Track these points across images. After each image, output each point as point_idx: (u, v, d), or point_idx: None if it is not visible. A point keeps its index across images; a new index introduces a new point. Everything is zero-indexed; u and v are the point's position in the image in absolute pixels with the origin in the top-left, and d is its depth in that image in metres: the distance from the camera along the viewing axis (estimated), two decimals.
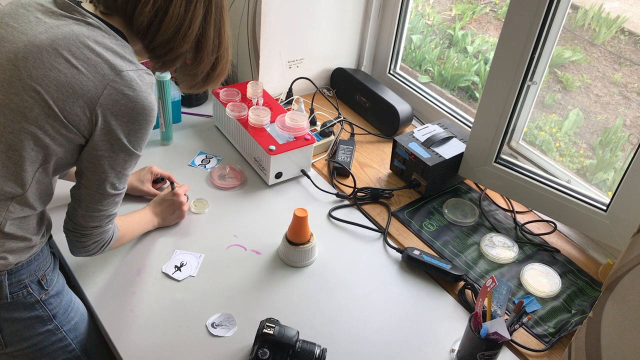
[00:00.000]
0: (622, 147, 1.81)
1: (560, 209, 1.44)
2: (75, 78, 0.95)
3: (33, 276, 1.06)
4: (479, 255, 1.43)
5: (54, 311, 1.11)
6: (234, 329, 1.19)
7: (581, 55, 1.99)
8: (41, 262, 1.09)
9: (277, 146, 1.49)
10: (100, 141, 1.00)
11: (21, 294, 1.05)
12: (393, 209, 1.53)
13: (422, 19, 2.44)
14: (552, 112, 2.01)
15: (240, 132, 1.60)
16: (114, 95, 0.97)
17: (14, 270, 1.03)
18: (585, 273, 1.42)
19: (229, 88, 1.66)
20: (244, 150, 1.62)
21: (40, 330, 1.10)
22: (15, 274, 1.03)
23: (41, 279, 1.08)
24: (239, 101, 1.63)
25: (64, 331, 1.14)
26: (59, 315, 1.12)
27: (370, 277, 1.35)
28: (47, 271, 1.10)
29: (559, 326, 1.27)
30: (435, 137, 1.59)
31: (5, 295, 1.03)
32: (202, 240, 1.37)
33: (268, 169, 1.51)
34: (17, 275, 1.04)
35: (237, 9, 1.79)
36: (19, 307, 1.06)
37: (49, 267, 1.11)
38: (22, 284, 1.05)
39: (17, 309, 1.06)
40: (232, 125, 1.63)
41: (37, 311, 1.08)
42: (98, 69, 0.96)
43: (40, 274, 1.08)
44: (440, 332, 1.24)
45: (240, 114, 1.57)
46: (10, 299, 1.04)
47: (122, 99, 0.98)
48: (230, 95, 1.64)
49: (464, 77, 2.24)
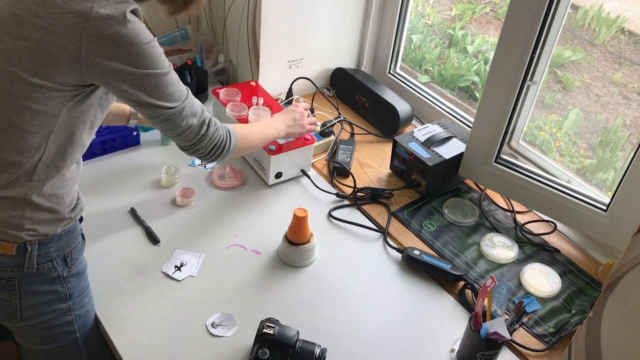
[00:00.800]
0: (622, 147, 1.81)
1: (560, 209, 1.44)
2: (46, 40, 0.93)
3: (60, 251, 1.09)
4: (479, 255, 1.43)
5: (71, 290, 1.13)
6: (234, 329, 1.18)
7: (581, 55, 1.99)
8: (70, 239, 1.11)
9: (277, 146, 1.49)
10: (117, 84, 1.00)
11: (46, 267, 1.08)
12: (393, 209, 1.53)
13: (422, 18, 2.44)
14: (552, 112, 2.01)
15: None
16: (94, 42, 0.94)
17: (45, 242, 1.06)
18: (585, 273, 1.42)
19: (229, 88, 1.66)
20: None
21: (54, 307, 1.12)
22: (45, 245, 1.06)
23: (67, 255, 1.11)
24: (239, 101, 1.63)
25: (73, 315, 1.16)
26: (75, 297, 1.14)
27: (370, 277, 1.35)
28: (74, 249, 1.13)
29: (559, 326, 1.27)
30: (435, 137, 1.59)
31: (32, 264, 1.06)
32: (202, 240, 1.37)
33: (268, 168, 1.51)
34: (46, 247, 1.07)
35: (237, 9, 1.79)
36: (41, 279, 1.09)
37: (77, 246, 1.14)
38: (49, 257, 1.08)
39: (39, 281, 1.09)
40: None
41: (56, 286, 1.11)
42: (65, 22, 0.92)
43: (67, 250, 1.11)
44: (440, 332, 1.24)
45: (240, 113, 1.57)
46: (36, 269, 1.07)
47: (104, 41, 0.94)
48: (230, 95, 1.64)
49: (464, 77, 2.24)
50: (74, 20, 0.92)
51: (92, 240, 1.33)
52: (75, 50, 0.94)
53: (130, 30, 0.96)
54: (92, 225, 1.36)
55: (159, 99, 1.05)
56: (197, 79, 1.80)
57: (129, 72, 0.99)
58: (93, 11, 0.92)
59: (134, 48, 0.98)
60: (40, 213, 1.04)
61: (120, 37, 0.95)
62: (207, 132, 1.16)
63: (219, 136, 1.19)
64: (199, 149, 1.17)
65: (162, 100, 1.06)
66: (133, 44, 0.97)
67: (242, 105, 1.59)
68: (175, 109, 1.09)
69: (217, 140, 1.19)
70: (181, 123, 1.11)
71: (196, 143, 1.16)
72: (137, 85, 1.02)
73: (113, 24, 0.94)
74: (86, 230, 1.33)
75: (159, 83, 1.04)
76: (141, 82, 1.02)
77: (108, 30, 0.94)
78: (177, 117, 1.10)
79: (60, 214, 1.07)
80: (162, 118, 1.09)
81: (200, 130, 1.15)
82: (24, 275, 1.06)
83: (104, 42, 0.94)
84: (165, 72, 1.05)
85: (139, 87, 1.02)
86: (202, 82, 1.82)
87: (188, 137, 1.14)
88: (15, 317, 1.10)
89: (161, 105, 1.06)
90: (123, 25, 0.95)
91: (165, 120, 1.09)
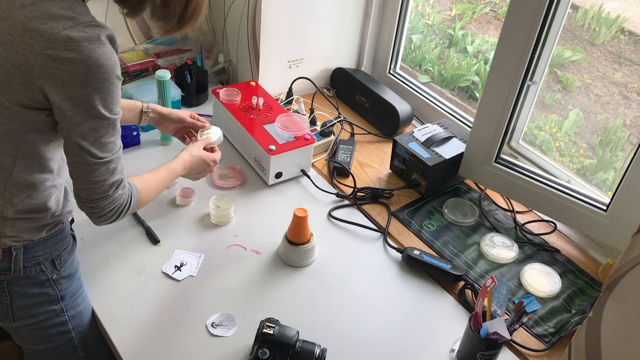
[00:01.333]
0: (622, 147, 1.81)
1: (560, 209, 1.44)
2: (3, 56, 0.89)
3: (48, 254, 1.08)
4: (479, 255, 1.43)
5: (62, 292, 1.13)
6: (234, 329, 1.18)
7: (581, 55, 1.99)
8: (58, 241, 1.10)
9: (277, 146, 1.49)
10: (62, 112, 0.92)
11: (34, 270, 1.07)
12: (393, 209, 1.53)
13: (422, 18, 2.44)
14: (552, 112, 2.01)
15: (240, 132, 1.60)
16: (50, 63, 0.88)
17: (30, 246, 1.05)
18: (585, 273, 1.42)
19: (229, 88, 1.66)
20: (244, 150, 1.62)
21: (46, 308, 1.12)
22: (30, 249, 1.05)
23: (55, 258, 1.09)
24: (239, 101, 1.64)
25: (67, 316, 1.15)
26: (67, 298, 1.14)
27: (370, 277, 1.35)
28: (62, 252, 1.11)
29: (559, 326, 1.27)
30: (435, 137, 1.59)
31: (19, 268, 1.05)
32: (202, 240, 1.37)
33: (268, 168, 1.51)
34: (32, 252, 1.06)
35: (237, 9, 1.79)
36: (30, 282, 1.08)
37: (66, 248, 1.12)
38: (36, 260, 1.07)
39: (28, 284, 1.08)
40: (232, 126, 1.63)
41: (47, 288, 1.10)
42: (25, 39, 0.87)
43: (55, 253, 1.09)
44: (440, 332, 1.24)
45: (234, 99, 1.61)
46: (23, 273, 1.06)
47: (61, 64, 0.88)
48: (230, 95, 1.65)
49: (464, 77, 2.24)
50: (34, 38, 0.87)
51: (93, 240, 1.33)
52: (30, 69, 0.88)
53: (93, 58, 0.89)
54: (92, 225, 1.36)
55: (91, 143, 0.96)
56: (197, 78, 1.80)
57: (76, 104, 0.91)
58: (56, 32, 0.87)
59: (90, 78, 0.90)
60: (21, 222, 1.03)
61: (80, 64, 0.88)
62: (114, 194, 1.04)
63: (121, 202, 1.06)
64: (95, 207, 1.04)
65: (93, 147, 0.97)
66: (91, 75, 0.90)
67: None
68: (100, 161, 0.98)
69: (115, 205, 1.06)
70: (97, 175, 1.00)
71: (96, 200, 1.03)
72: (75, 124, 0.93)
73: (75, 47, 0.88)
74: (86, 231, 1.33)
75: (99, 127, 0.96)
76: (81, 121, 0.93)
77: (67, 54, 0.87)
78: (97, 168, 0.99)
79: (43, 220, 1.05)
80: (82, 162, 0.98)
81: (109, 190, 1.03)
82: (12, 278, 1.06)
83: (59, 67, 0.88)
84: (112, 119, 0.97)
85: (77, 125, 0.94)
86: (202, 82, 1.82)
87: (92, 191, 1.01)
88: (8, 318, 1.11)
89: (89, 150, 0.96)
90: (90, 49, 0.89)
91: (85, 166, 0.98)
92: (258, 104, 1.63)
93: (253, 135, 1.53)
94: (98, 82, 0.91)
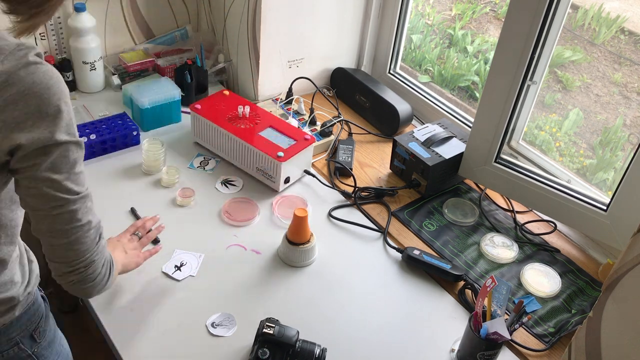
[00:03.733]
0: (622, 147, 1.81)
1: (560, 208, 1.44)
2: None
3: (25, 331, 0.99)
4: (479, 255, 1.43)
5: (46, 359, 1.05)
6: (234, 328, 1.19)
7: (581, 55, 1.99)
8: (32, 314, 1.00)
9: (284, 152, 1.47)
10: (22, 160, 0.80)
11: (12, 352, 0.98)
12: (393, 209, 1.53)
13: (422, 18, 2.44)
14: (552, 112, 2.01)
15: (236, 144, 1.54)
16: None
17: (3, 330, 0.96)
18: (585, 273, 1.42)
19: (205, 101, 1.60)
20: (244, 162, 1.55)
21: None
22: (4, 332, 0.96)
23: (34, 332, 1.01)
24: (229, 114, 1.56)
25: None
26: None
27: (370, 277, 1.35)
28: (40, 323, 1.02)
29: (559, 326, 1.27)
30: (435, 137, 1.59)
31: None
32: (202, 240, 1.37)
33: (277, 175, 1.48)
34: (7, 334, 0.97)
35: (237, 9, 1.79)
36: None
37: (42, 317, 1.03)
38: (12, 342, 0.98)
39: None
40: (223, 140, 1.56)
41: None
42: None
43: (32, 327, 1.00)
44: (440, 332, 1.24)
45: None
46: (1, 357, 0.98)
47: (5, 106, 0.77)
48: (211, 109, 1.56)
49: (464, 77, 2.24)
50: None
51: None
52: None
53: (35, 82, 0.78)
54: None
55: (66, 177, 0.83)
56: (197, 79, 1.80)
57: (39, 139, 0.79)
58: None
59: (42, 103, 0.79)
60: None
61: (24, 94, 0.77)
62: (101, 241, 0.92)
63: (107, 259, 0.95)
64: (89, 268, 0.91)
65: (69, 181, 0.84)
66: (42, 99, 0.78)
67: None
68: (79, 197, 0.86)
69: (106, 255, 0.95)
70: (80, 219, 0.87)
71: (90, 255, 0.90)
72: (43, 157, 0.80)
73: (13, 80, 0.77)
74: None
75: (68, 155, 0.83)
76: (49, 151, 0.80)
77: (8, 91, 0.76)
78: (77, 209, 0.86)
79: (14, 300, 0.95)
80: (64, 207, 0.84)
81: (96, 236, 0.90)
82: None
83: (5, 108, 0.77)
84: (79, 143, 0.84)
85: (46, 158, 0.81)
86: (202, 82, 1.82)
87: (84, 241, 0.88)
88: None
89: (67, 187, 0.83)
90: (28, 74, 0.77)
91: (65, 213, 0.85)
92: (244, 113, 1.58)
93: (254, 145, 1.49)
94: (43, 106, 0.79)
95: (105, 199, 1.44)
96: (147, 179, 1.52)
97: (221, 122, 1.55)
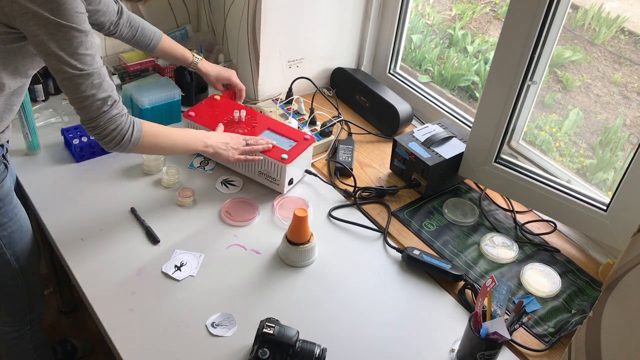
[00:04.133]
0: (622, 147, 1.81)
1: (560, 208, 1.44)
2: None
3: None
4: (479, 255, 1.43)
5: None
6: (233, 328, 1.19)
7: (581, 55, 1.99)
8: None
9: (288, 154, 1.46)
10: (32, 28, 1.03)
11: None
12: (393, 209, 1.53)
13: (422, 18, 2.44)
14: (552, 112, 2.01)
15: None
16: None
17: None
18: (585, 273, 1.42)
19: (198, 107, 1.59)
20: (244, 167, 1.53)
21: None
22: None
23: None
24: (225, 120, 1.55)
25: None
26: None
27: (370, 277, 1.35)
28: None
29: (559, 326, 1.27)
30: (435, 137, 1.59)
31: None
32: (202, 240, 1.37)
33: (282, 178, 1.48)
34: None
35: (237, 9, 1.79)
36: None
37: None
38: None
39: None
40: None
41: None
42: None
43: None
44: (440, 332, 1.24)
45: None
46: None
47: None
48: (206, 115, 1.55)
49: (464, 77, 2.24)
50: None
51: (93, 240, 1.33)
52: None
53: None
54: (92, 225, 1.36)
55: (69, 55, 1.06)
56: (197, 78, 1.80)
57: (45, 17, 1.01)
58: None
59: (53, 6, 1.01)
60: None
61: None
62: (109, 111, 1.14)
63: (122, 122, 1.17)
64: (97, 126, 1.15)
65: (71, 58, 1.07)
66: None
67: None
68: (81, 73, 1.08)
69: (117, 124, 1.16)
70: (84, 90, 1.10)
71: (95, 118, 1.14)
72: (50, 33, 1.03)
73: None
74: (86, 231, 1.34)
75: (73, 38, 1.05)
76: (54, 31, 1.03)
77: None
78: (81, 82, 1.09)
79: None
80: (65, 77, 1.08)
81: (103, 106, 1.13)
82: None
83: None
84: (81, 30, 1.06)
85: (52, 35, 1.03)
86: (202, 82, 1.82)
87: (89, 109, 1.13)
88: None
89: (68, 62, 1.07)
90: None
91: (68, 80, 1.09)
92: (240, 117, 1.57)
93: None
94: None
95: (106, 198, 1.44)
96: (147, 179, 1.52)
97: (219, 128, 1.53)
